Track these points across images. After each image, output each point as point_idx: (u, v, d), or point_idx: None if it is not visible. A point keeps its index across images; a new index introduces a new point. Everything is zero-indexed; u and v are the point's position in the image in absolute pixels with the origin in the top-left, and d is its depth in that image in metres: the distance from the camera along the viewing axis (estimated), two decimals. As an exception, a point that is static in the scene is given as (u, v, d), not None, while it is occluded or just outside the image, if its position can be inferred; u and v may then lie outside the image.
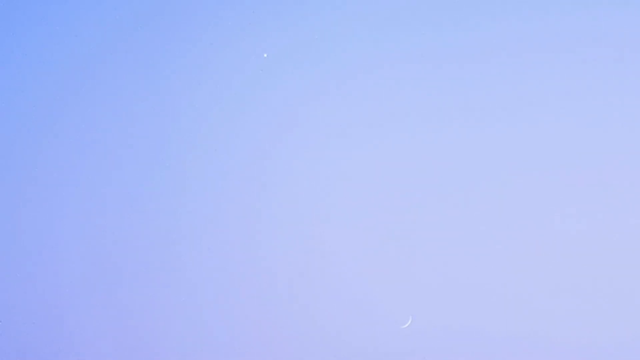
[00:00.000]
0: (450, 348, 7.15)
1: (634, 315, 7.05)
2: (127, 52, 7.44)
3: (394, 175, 7.30)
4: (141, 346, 7.34)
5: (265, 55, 7.36)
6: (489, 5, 7.28)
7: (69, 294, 7.38)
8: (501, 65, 7.26)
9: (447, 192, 7.27)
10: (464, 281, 7.18)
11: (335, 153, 7.34)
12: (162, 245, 7.37)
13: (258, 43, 7.37)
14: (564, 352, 7.09)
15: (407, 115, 7.32)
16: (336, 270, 7.26)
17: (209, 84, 7.41)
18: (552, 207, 7.18)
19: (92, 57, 7.48)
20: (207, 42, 7.41)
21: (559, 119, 7.23)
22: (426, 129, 7.30)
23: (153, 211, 7.39)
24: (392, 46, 7.34)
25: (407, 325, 7.12)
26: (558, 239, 7.16)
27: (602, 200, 7.15)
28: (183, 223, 7.38)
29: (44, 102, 7.49)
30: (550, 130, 7.24)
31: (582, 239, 7.14)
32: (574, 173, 7.19)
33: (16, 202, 7.43)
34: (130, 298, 7.34)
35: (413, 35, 7.33)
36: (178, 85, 7.41)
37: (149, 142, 7.41)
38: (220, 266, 7.34)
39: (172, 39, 7.43)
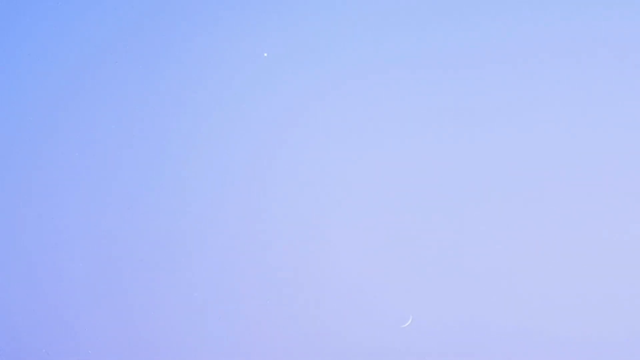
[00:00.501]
0: (450, 347, 7.15)
1: (634, 315, 7.06)
2: (125, 51, 7.45)
3: (394, 175, 7.30)
4: (145, 346, 7.34)
5: (265, 54, 7.37)
6: (491, 8, 7.29)
7: (71, 294, 7.38)
8: (504, 67, 7.26)
9: (447, 192, 7.27)
10: (465, 281, 7.18)
11: (335, 152, 7.35)
12: (165, 247, 7.37)
13: (258, 42, 7.38)
14: (564, 351, 7.09)
15: (408, 115, 7.33)
16: (336, 269, 7.26)
17: (209, 83, 7.41)
18: (553, 208, 7.19)
19: (92, 58, 7.49)
20: (207, 41, 7.41)
21: (560, 121, 7.24)
22: (428, 128, 7.30)
23: (153, 211, 7.39)
24: (393, 46, 7.35)
25: (407, 324, 7.12)
26: (558, 240, 7.17)
27: (603, 202, 7.16)
28: (185, 224, 7.38)
29: (45, 102, 7.50)
30: (551, 132, 7.24)
31: (582, 241, 7.14)
32: (575, 175, 7.20)
33: (19, 202, 7.43)
34: (134, 298, 7.34)
35: (415, 36, 7.34)
36: (177, 85, 7.42)
37: (148, 142, 7.42)
38: (222, 265, 7.35)
39: (171, 38, 7.44)
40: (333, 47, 7.37)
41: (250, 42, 7.39)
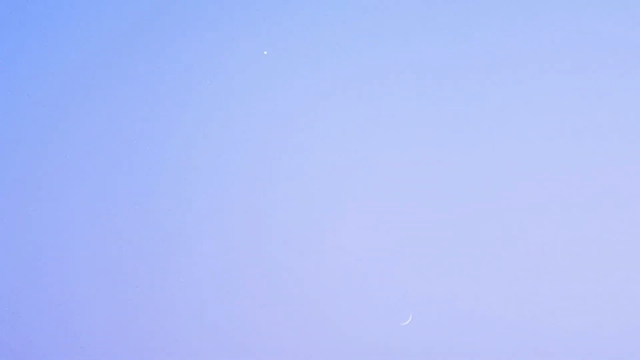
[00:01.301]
0: (450, 346, 7.14)
1: (635, 315, 7.06)
2: (124, 51, 7.46)
3: (395, 174, 7.30)
4: (148, 347, 7.34)
5: (265, 52, 7.38)
6: (494, 11, 7.30)
7: (72, 293, 7.39)
8: (508, 70, 7.27)
9: (448, 192, 7.28)
10: (465, 280, 7.18)
11: (335, 152, 7.35)
12: (168, 246, 7.37)
13: (258, 41, 7.39)
14: (565, 351, 7.08)
15: (409, 115, 7.33)
16: (336, 268, 7.26)
17: (208, 81, 7.42)
18: (556, 210, 7.19)
19: (91, 57, 7.50)
20: (206, 39, 7.42)
21: (562, 124, 7.25)
22: (429, 126, 7.31)
23: (154, 212, 7.40)
24: (394, 45, 7.36)
25: (407, 322, 7.12)
26: (560, 240, 7.17)
27: (603, 203, 7.16)
28: (189, 223, 7.38)
29: (46, 102, 7.51)
30: (555, 135, 7.25)
31: (583, 241, 7.14)
32: (576, 176, 7.20)
33: (21, 202, 7.44)
34: (137, 298, 7.35)
35: (416, 35, 7.35)
36: (177, 83, 7.42)
37: (147, 141, 7.43)
38: (223, 264, 7.35)
39: (170, 36, 7.45)
40: (333, 46, 7.37)
41: (250, 40, 7.40)
